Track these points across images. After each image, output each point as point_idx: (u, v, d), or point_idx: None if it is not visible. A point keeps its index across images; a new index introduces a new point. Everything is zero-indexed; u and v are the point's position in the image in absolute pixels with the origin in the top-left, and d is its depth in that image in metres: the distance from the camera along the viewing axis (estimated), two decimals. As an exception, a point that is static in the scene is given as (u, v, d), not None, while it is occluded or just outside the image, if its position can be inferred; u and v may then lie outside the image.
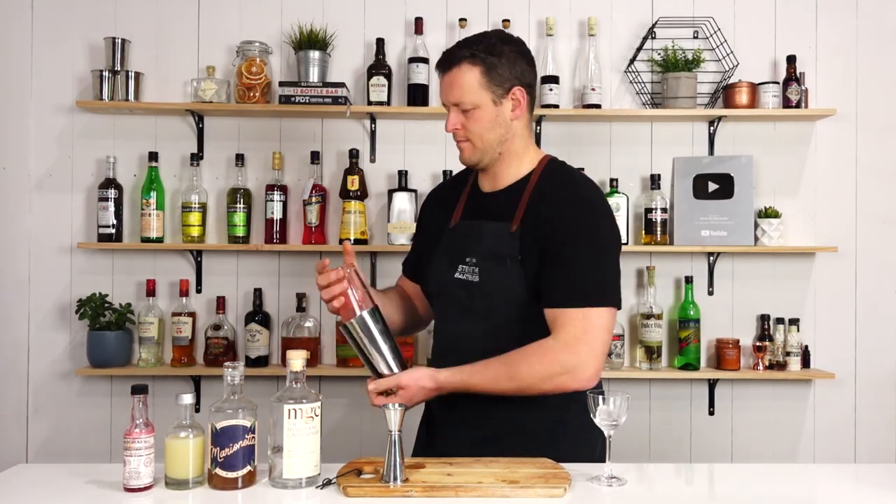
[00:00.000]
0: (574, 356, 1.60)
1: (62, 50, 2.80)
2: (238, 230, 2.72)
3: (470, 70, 1.66)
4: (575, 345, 1.59)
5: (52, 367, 2.79)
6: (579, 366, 1.60)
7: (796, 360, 2.73)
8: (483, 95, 1.66)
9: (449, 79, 1.69)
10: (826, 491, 1.60)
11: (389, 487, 1.44)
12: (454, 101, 1.68)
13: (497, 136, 1.70)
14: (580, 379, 1.61)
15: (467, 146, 1.72)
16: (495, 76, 1.66)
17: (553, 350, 1.60)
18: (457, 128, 1.70)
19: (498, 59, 1.66)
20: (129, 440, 1.45)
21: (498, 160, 1.73)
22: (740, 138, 2.85)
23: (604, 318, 1.62)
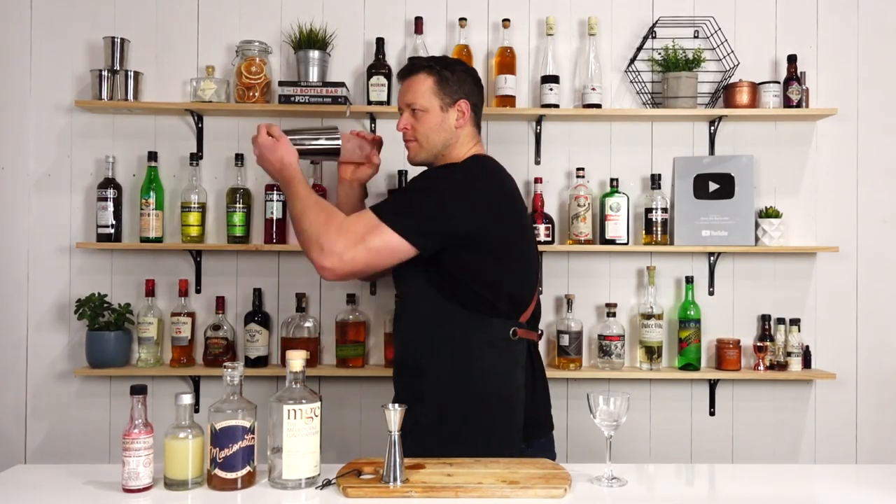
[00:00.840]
0: (337, 240, 1.76)
1: (61, 49, 2.80)
2: (237, 230, 2.72)
3: (426, 78, 1.93)
4: (345, 234, 1.76)
5: (51, 368, 2.78)
6: (332, 250, 1.76)
7: (797, 360, 2.73)
8: (433, 101, 1.92)
9: (407, 83, 1.96)
10: (827, 491, 1.59)
11: (389, 488, 1.43)
12: (407, 102, 1.94)
13: (442, 140, 1.93)
14: (321, 261, 1.77)
15: (414, 146, 1.96)
16: (446, 87, 1.92)
17: (334, 223, 1.78)
18: (406, 128, 1.95)
19: (450, 73, 1.94)
20: (129, 441, 1.44)
21: (439, 161, 1.95)
22: (741, 138, 2.85)
23: (387, 238, 1.76)
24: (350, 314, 2.72)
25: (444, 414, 1.82)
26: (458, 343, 1.83)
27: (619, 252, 2.81)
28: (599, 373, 2.71)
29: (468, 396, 1.82)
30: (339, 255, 1.74)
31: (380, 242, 1.75)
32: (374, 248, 1.75)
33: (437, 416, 1.81)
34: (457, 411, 1.82)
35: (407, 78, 1.96)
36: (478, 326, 1.83)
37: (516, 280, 1.89)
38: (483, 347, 1.83)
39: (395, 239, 1.75)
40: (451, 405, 1.82)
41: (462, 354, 1.83)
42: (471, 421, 1.82)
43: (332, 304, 2.80)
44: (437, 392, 1.83)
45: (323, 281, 2.81)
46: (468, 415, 1.82)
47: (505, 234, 1.87)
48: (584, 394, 2.36)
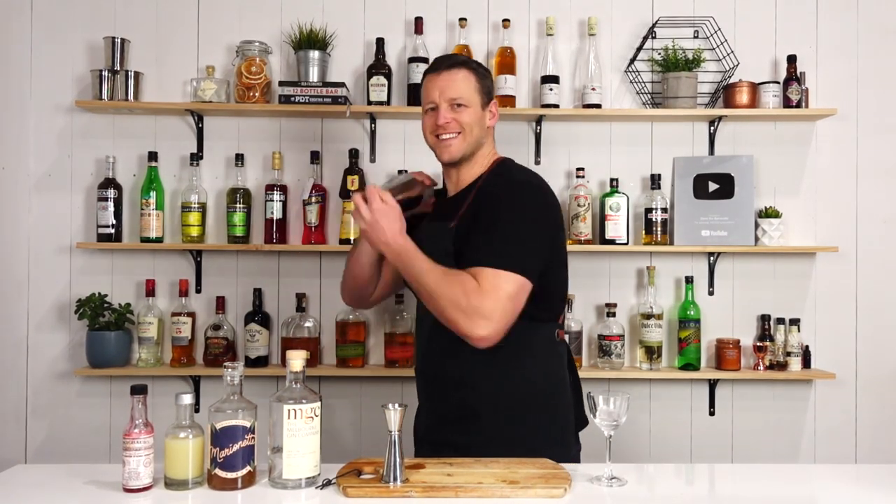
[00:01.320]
0: (482, 303, 1.67)
1: (61, 49, 2.80)
2: (238, 230, 2.72)
3: (470, 74, 1.90)
4: (486, 296, 1.67)
5: (51, 368, 2.78)
6: (480, 316, 1.67)
7: (797, 360, 2.73)
8: (477, 98, 1.89)
9: (449, 76, 1.88)
10: (827, 491, 1.60)
11: (389, 488, 1.44)
12: (452, 96, 1.87)
13: (479, 136, 1.90)
14: (475, 330, 1.67)
15: (458, 140, 1.88)
16: (484, 87, 1.92)
17: (470, 287, 1.68)
18: (449, 121, 1.87)
19: (485, 74, 1.95)
20: (129, 440, 1.44)
21: (468, 160, 1.91)
22: (741, 138, 2.85)
23: (511, 284, 1.70)
24: (350, 314, 2.72)
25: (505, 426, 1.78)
26: (513, 353, 1.78)
27: (619, 252, 2.81)
28: (599, 373, 2.71)
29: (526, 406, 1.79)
30: (490, 319, 1.66)
31: (511, 290, 1.69)
32: (514, 297, 1.70)
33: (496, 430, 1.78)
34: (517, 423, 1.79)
35: (446, 72, 1.88)
36: (530, 333, 1.81)
37: (564, 284, 1.92)
38: (536, 353, 1.82)
39: (517, 281, 1.70)
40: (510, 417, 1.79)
41: (519, 363, 1.79)
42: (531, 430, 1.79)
43: (332, 304, 2.80)
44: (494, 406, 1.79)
45: (323, 280, 2.81)
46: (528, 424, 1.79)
47: (563, 239, 1.90)
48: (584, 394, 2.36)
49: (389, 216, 1.75)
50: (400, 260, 1.76)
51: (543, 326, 1.85)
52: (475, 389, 1.79)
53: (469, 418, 1.79)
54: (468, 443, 1.76)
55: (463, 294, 1.67)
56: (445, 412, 1.85)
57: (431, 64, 1.96)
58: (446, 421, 1.85)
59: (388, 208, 1.76)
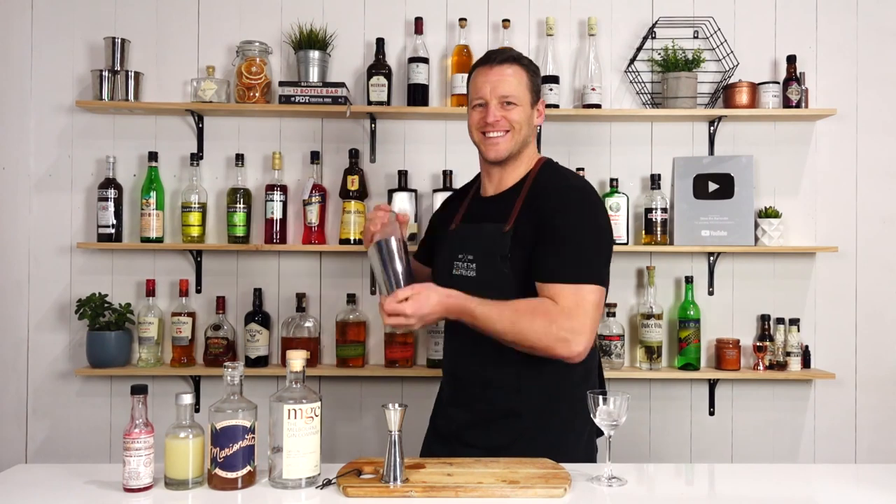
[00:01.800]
0: (571, 323, 1.66)
1: (62, 50, 2.80)
2: (238, 230, 2.72)
3: (521, 71, 1.84)
4: (569, 316, 1.66)
5: (52, 368, 2.78)
6: (574, 335, 1.66)
7: (796, 360, 2.73)
8: (527, 96, 1.84)
9: (501, 72, 1.82)
10: (826, 491, 1.60)
11: (389, 488, 1.44)
12: (504, 94, 1.81)
13: (527, 134, 1.85)
14: (573, 349, 1.66)
15: (506, 138, 1.82)
16: (535, 85, 1.87)
17: (554, 312, 1.66)
18: (498, 119, 1.81)
19: (536, 71, 1.90)
20: (129, 440, 1.45)
21: (514, 158, 1.86)
22: (740, 138, 2.85)
23: (594, 295, 1.70)
24: (350, 314, 2.73)
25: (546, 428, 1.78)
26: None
27: (618, 252, 2.79)
28: (599, 372, 2.71)
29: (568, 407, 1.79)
30: (583, 334, 1.66)
31: (594, 300, 1.69)
32: (596, 307, 1.70)
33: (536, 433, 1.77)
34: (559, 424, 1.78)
35: (498, 67, 1.83)
36: None
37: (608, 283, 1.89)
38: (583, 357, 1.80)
39: (598, 291, 1.71)
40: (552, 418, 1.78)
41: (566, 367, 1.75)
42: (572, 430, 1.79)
43: (333, 304, 2.80)
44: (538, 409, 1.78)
45: (323, 280, 2.81)
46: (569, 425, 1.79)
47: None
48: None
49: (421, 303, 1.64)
50: (463, 319, 1.68)
51: None
52: (519, 391, 1.78)
53: (512, 418, 1.77)
54: (508, 443, 1.76)
55: (550, 322, 1.65)
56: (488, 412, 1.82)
57: (483, 57, 1.89)
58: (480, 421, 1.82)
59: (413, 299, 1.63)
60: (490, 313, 1.67)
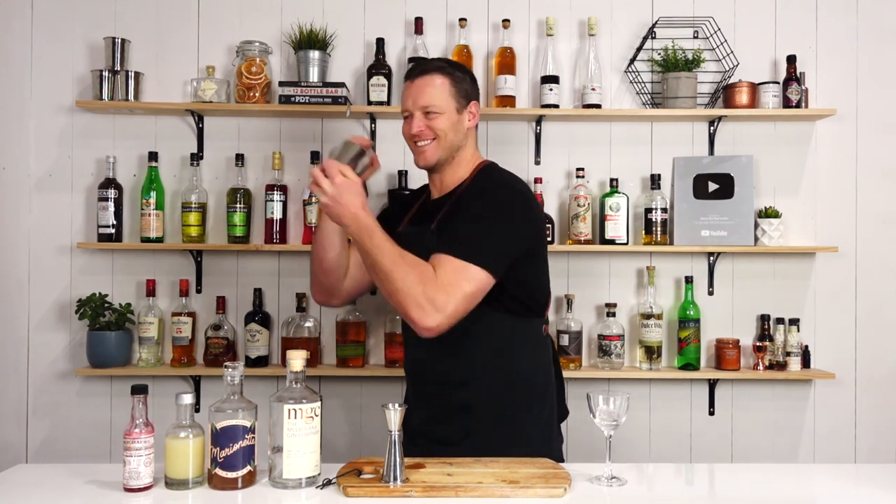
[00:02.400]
0: (437, 295, 1.66)
1: (62, 50, 2.80)
2: (238, 230, 2.72)
3: (443, 79, 1.88)
4: (442, 287, 1.66)
5: (52, 367, 2.78)
6: (433, 307, 1.65)
7: (796, 360, 2.73)
8: (450, 102, 1.88)
9: (420, 84, 1.88)
10: (826, 491, 1.60)
11: (389, 487, 1.44)
12: (423, 104, 1.87)
13: (457, 141, 1.90)
14: (425, 320, 1.66)
15: (432, 146, 1.88)
16: (460, 90, 1.90)
17: (428, 277, 1.67)
18: (421, 130, 1.87)
19: (462, 75, 1.92)
20: (129, 440, 1.45)
21: (450, 164, 1.92)
22: (740, 138, 2.85)
23: (474, 279, 1.70)
24: (350, 314, 2.73)
25: (498, 420, 1.81)
26: (504, 348, 1.83)
27: (618, 252, 2.81)
28: (599, 373, 2.71)
29: (518, 399, 1.83)
30: (443, 311, 1.65)
31: (472, 286, 1.69)
32: (470, 294, 1.69)
33: (490, 423, 1.81)
34: (510, 416, 1.82)
35: (418, 79, 1.89)
36: (519, 328, 1.86)
37: (547, 279, 1.95)
38: (525, 347, 1.87)
39: (484, 276, 1.70)
40: (503, 411, 1.82)
41: (508, 358, 1.83)
42: (523, 422, 1.83)
43: (333, 304, 2.80)
44: (488, 400, 1.81)
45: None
46: (520, 417, 1.83)
47: (543, 237, 1.93)
48: (584, 393, 2.35)
49: (352, 191, 1.71)
50: (361, 236, 1.71)
51: (533, 321, 1.89)
52: (469, 385, 1.82)
53: (463, 413, 1.83)
54: (463, 438, 1.81)
55: (419, 281, 1.66)
56: (439, 409, 1.87)
57: (408, 69, 1.97)
58: (440, 417, 1.87)
59: (351, 183, 1.71)
60: (383, 246, 1.69)
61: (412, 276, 1.66)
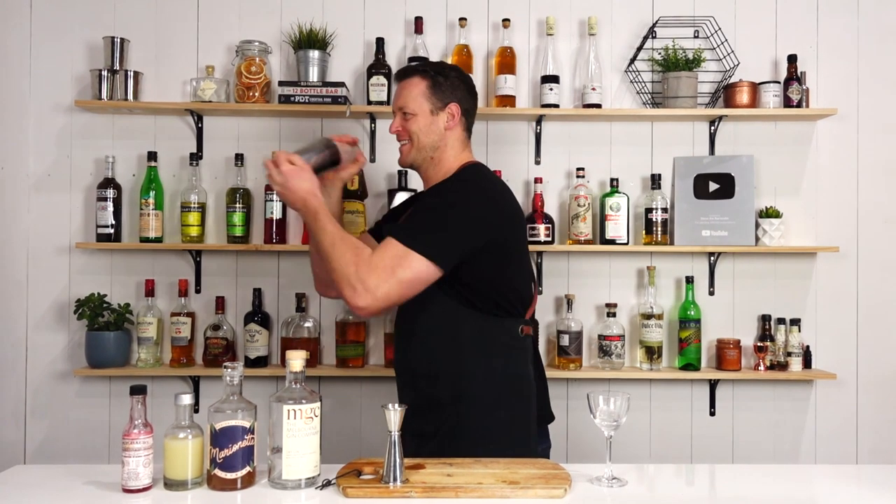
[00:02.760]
0: (368, 276, 1.70)
1: (61, 49, 2.80)
2: (237, 230, 2.72)
3: (419, 82, 1.94)
4: (376, 269, 1.71)
5: (51, 368, 2.78)
6: (363, 288, 1.70)
7: (797, 360, 2.73)
8: (423, 104, 1.93)
9: (400, 87, 1.98)
10: (827, 492, 1.59)
11: (389, 488, 1.43)
12: (399, 105, 1.96)
13: (431, 142, 1.94)
14: (355, 300, 1.72)
15: (406, 147, 1.97)
16: (437, 91, 1.93)
17: (363, 258, 1.73)
18: (398, 130, 1.96)
19: (444, 78, 1.95)
20: (128, 441, 1.44)
21: (430, 164, 1.96)
22: (741, 138, 2.85)
23: (414, 267, 1.72)
24: (350, 314, 2.72)
25: (466, 417, 1.82)
26: (474, 346, 1.84)
27: (619, 252, 2.81)
28: (599, 373, 2.71)
29: (488, 397, 1.83)
30: (373, 293, 1.70)
31: (410, 273, 1.71)
32: (406, 280, 1.72)
33: (458, 419, 1.82)
34: (479, 413, 1.82)
35: (401, 81, 1.98)
36: (491, 327, 1.85)
37: (521, 279, 1.93)
38: (497, 347, 1.86)
39: (424, 264, 1.72)
40: (471, 408, 1.82)
41: (478, 357, 1.84)
42: (493, 421, 1.83)
43: (332, 304, 2.80)
44: (456, 396, 1.83)
45: (323, 281, 2.81)
46: (490, 415, 1.83)
47: (513, 237, 1.90)
48: (584, 394, 2.36)
49: (299, 177, 1.78)
50: (308, 218, 1.80)
51: (506, 321, 1.87)
52: (438, 380, 1.85)
53: (434, 408, 1.84)
54: (434, 432, 1.83)
55: (353, 262, 1.72)
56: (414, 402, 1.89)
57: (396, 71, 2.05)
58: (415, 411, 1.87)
59: (297, 169, 1.79)
60: (326, 228, 1.77)
61: (348, 256, 1.73)
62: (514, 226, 1.92)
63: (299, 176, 1.79)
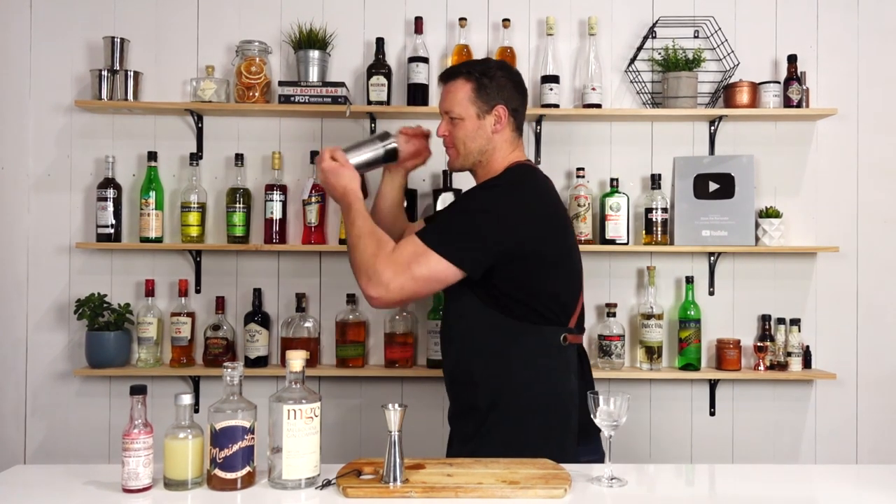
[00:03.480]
0: (385, 270, 1.74)
1: (61, 49, 2.80)
2: (237, 230, 2.72)
3: (463, 85, 1.91)
4: (394, 263, 1.74)
5: (51, 368, 2.78)
6: (379, 279, 1.74)
7: (797, 360, 2.73)
8: (469, 108, 1.90)
9: (445, 89, 1.95)
10: (827, 491, 1.59)
11: (389, 488, 1.43)
12: (445, 109, 1.94)
13: (478, 146, 1.92)
14: (370, 289, 1.76)
15: (452, 152, 1.96)
16: (483, 93, 1.90)
17: (385, 251, 1.77)
18: (444, 134, 1.95)
19: (489, 80, 1.90)
20: (128, 441, 1.44)
21: (479, 167, 1.95)
22: (741, 138, 2.85)
23: (434, 265, 1.74)
24: (350, 314, 2.72)
25: (501, 425, 1.81)
26: (510, 354, 1.81)
27: (619, 252, 2.81)
28: (599, 373, 2.70)
29: (523, 407, 1.80)
30: (386, 285, 1.73)
31: (426, 270, 1.73)
32: (421, 277, 1.73)
33: (492, 427, 1.81)
34: (513, 422, 1.80)
35: (446, 83, 1.95)
36: (528, 335, 1.81)
37: (562, 286, 1.87)
38: (535, 356, 1.82)
39: (443, 265, 1.73)
40: (506, 416, 1.80)
41: (514, 365, 1.81)
42: (527, 430, 1.80)
43: (332, 305, 2.80)
44: (491, 403, 1.81)
45: (323, 280, 2.81)
46: (524, 425, 1.80)
47: (550, 242, 1.84)
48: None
49: (336, 174, 1.88)
50: (342, 209, 1.89)
51: (545, 329, 1.83)
52: (476, 387, 1.84)
53: (472, 414, 1.85)
54: (471, 435, 1.83)
55: (374, 254, 1.76)
56: (454, 406, 1.93)
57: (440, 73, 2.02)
58: (457, 414, 1.92)
59: (336, 166, 1.89)
60: (357, 220, 1.83)
61: (371, 248, 1.77)
62: (554, 231, 1.85)
63: (336, 172, 1.88)
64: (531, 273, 1.80)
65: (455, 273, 1.75)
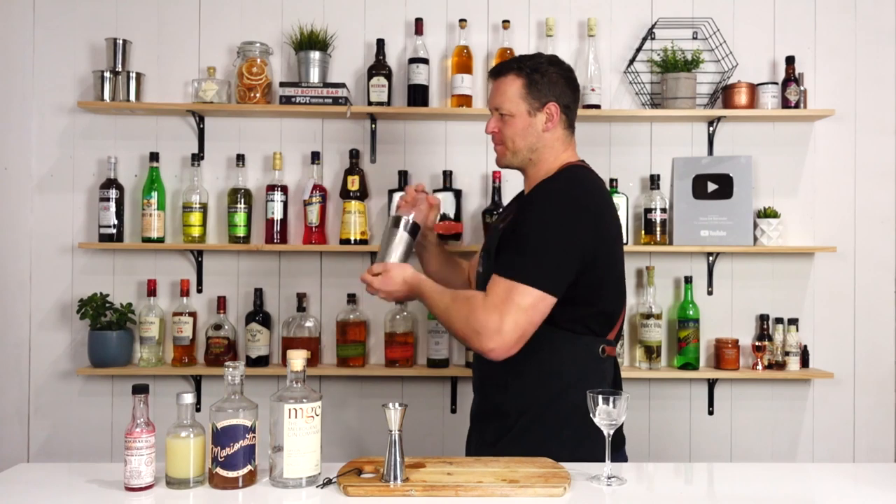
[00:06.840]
0: (488, 319, 1.67)
1: (63, 50, 2.81)
2: (239, 230, 2.73)
3: (514, 81, 1.84)
4: (493, 310, 1.67)
5: (54, 367, 2.79)
6: (487, 330, 1.66)
7: (795, 359, 2.74)
8: (520, 105, 1.83)
9: (496, 85, 1.88)
10: (825, 490, 1.60)
11: (389, 487, 1.44)
12: (495, 106, 1.87)
13: (528, 144, 1.85)
14: (484, 343, 1.68)
15: (501, 149, 1.90)
16: (534, 90, 1.83)
17: (476, 305, 1.70)
18: (494, 131, 1.89)
19: (541, 76, 1.83)
20: (130, 440, 1.45)
21: (529, 165, 1.88)
22: (739, 139, 2.86)
23: (528, 297, 1.67)
24: (350, 314, 2.73)
25: (529, 432, 1.77)
26: (546, 361, 1.76)
27: (618, 252, 2.81)
28: (599, 372, 2.71)
29: (554, 415, 1.76)
30: (498, 331, 1.65)
31: (527, 302, 1.65)
32: (525, 309, 1.66)
33: (520, 433, 1.77)
34: (542, 429, 1.76)
35: (496, 79, 1.88)
36: (569, 344, 1.77)
37: (613, 297, 1.83)
38: (571, 365, 1.77)
39: (536, 294, 1.66)
40: (535, 424, 1.77)
41: (549, 373, 1.76)
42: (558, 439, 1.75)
43: (333, 304, 2.81)
44: (522, 409, 1.78)
45: (323, 279, 2.82)
46: (555, 433, 1.76)
47: (607, 252, 1.79)
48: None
49: (387, 282, 1.84)
50: (416, 297, 1.85)
51: (585, 339, 1.79)
52: (506, 391, 1.80)
53: (499, 417, 1.81)
54: (496, 440, 1.80)
55: (470, 312, 1.69)
56: (480, 407, 1.91)
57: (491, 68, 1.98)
58: (482, 412, 1.89)
59: (382, 277, 1.85)
60: (433, 296, 1.79)
61: (463, 311, 1.71)
62: (612, 242, 1.81)
63: (387, 280, 1.84)
64: (587, 285, 1.75)
65: (547, 299, 1.68)
